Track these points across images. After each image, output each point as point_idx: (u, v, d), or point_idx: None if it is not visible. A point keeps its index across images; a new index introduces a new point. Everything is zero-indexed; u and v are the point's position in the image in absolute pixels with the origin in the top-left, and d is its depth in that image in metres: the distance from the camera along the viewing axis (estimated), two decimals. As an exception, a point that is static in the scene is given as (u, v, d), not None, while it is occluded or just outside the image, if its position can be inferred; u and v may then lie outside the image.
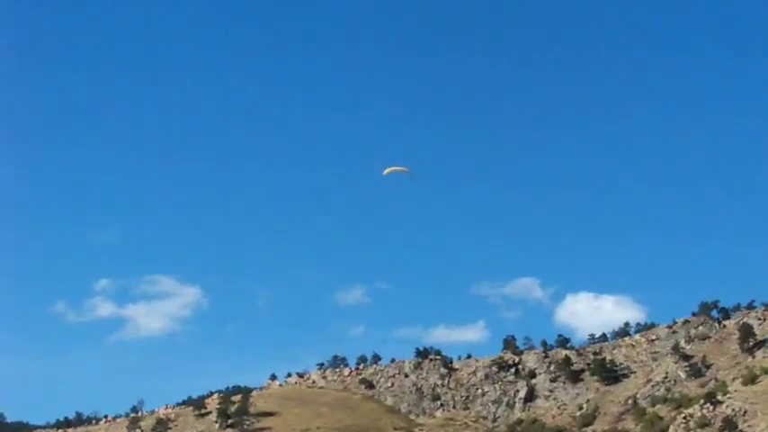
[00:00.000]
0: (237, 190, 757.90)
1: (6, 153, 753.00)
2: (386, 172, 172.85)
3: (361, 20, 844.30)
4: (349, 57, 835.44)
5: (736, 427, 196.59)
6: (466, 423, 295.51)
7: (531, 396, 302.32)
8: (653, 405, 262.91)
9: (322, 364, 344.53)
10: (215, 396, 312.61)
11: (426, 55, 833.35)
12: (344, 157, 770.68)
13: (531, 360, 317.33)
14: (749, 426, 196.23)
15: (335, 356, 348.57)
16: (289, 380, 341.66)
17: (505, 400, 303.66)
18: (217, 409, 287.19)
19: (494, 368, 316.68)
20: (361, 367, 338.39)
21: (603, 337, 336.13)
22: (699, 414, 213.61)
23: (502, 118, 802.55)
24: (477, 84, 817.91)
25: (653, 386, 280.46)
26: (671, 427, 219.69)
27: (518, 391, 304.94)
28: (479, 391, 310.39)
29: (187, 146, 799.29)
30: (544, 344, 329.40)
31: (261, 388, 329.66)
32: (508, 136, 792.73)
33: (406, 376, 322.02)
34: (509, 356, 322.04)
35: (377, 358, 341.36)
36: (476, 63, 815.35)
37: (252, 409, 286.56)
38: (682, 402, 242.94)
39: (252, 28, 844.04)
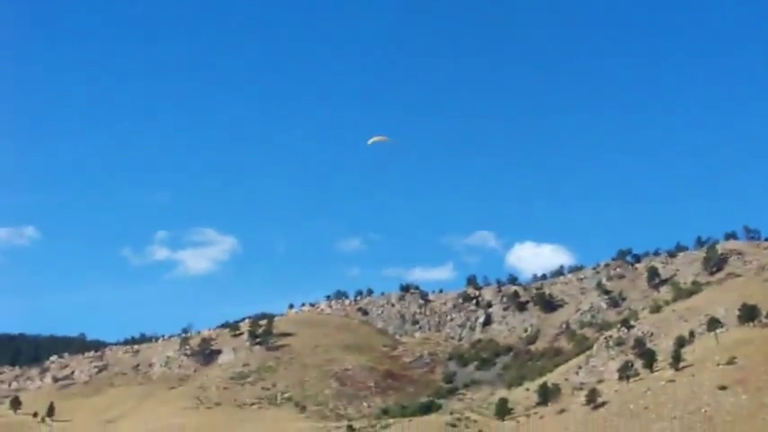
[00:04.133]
0: (265, 159, 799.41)
1: (86, 132, 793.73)
2: (369, 142, 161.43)
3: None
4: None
5: (645, 345, 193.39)
6: (438, 342, 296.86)
7: (488, 321, 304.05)
8: (581, 328, 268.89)
9: (329, 296, 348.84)
10: (246, 321, 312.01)
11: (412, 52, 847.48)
12: (347, 131, 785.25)
13: (488, 294, 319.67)
14: (654, 344, 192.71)
15: (338, 290, 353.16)
16: (303, 308, 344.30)
17: (468, 324, 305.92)
18: (248, 330, 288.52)
19: (459, 300, 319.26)
20: (358, 299, 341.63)
21: (543, 277, 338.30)
22: (616, 335, 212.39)
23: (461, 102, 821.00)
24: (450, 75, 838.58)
25: (581, 314, 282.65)
26: (595, 345, 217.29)
27: (478, 317, 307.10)
28: (449, 317, 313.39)
29: (225, 123, 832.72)
30: (498, 281, 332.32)
31: (281, 314, 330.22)
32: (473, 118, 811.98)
33: (393, 306, 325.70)
34: (471, 291, 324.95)
35: (370, 292, 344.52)
36: (454, 58, 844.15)
37: (275, 331, 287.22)
38: (603, 326, 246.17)
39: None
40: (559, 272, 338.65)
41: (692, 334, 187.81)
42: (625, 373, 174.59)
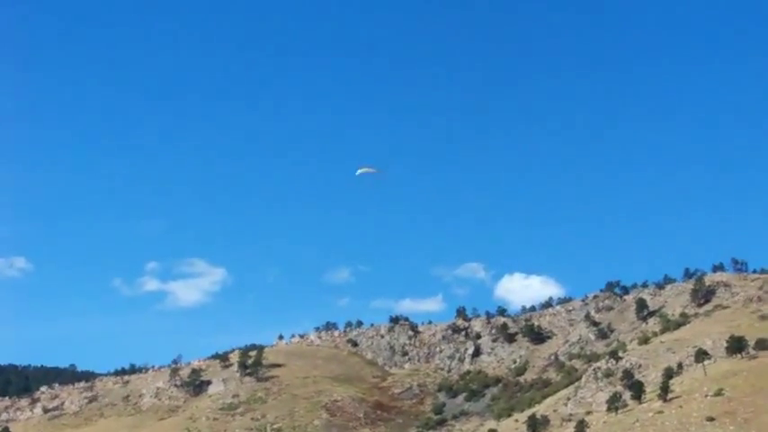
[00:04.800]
0: (255, 190, 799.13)
1: (76, 163, 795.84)
2: (358, 173, 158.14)
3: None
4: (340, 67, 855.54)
5: (633, 376, 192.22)
6: (427, 373, 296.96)
7: (477, 353, 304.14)
8: (570, 360, 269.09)
9: (318, 328, 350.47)
10: (236, 352, 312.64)
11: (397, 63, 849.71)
12: (337, 163, 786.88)
13: (477, 325, 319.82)
14: (643, 375, 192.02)
15: (328, 322, 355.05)
16: (292, 339, 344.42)
17: (458, 355, 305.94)
18: (238, 361, 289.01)
19: (449, 331, 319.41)
20: (347, 330, 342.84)
21: (532, 308, 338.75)
22: (605, 367, 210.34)
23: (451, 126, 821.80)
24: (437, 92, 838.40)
25: (570, 345, 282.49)
26: (583, 377, 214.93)
27: (467, 348, 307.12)
28: (438, 348, 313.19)
29: (215, 158, 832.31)
30: (487, 313, 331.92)
31: (271, 345, 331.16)
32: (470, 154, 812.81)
33: (382, 337, 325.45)
34: (460, 322, 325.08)
35: (360, 323, 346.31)
36: (441, 85, 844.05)
37: (264, 362, 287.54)
38: (592, 358, 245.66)
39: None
40: (548, 303, 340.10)
41: (680, 365, 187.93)
42: (613, 404, 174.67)
